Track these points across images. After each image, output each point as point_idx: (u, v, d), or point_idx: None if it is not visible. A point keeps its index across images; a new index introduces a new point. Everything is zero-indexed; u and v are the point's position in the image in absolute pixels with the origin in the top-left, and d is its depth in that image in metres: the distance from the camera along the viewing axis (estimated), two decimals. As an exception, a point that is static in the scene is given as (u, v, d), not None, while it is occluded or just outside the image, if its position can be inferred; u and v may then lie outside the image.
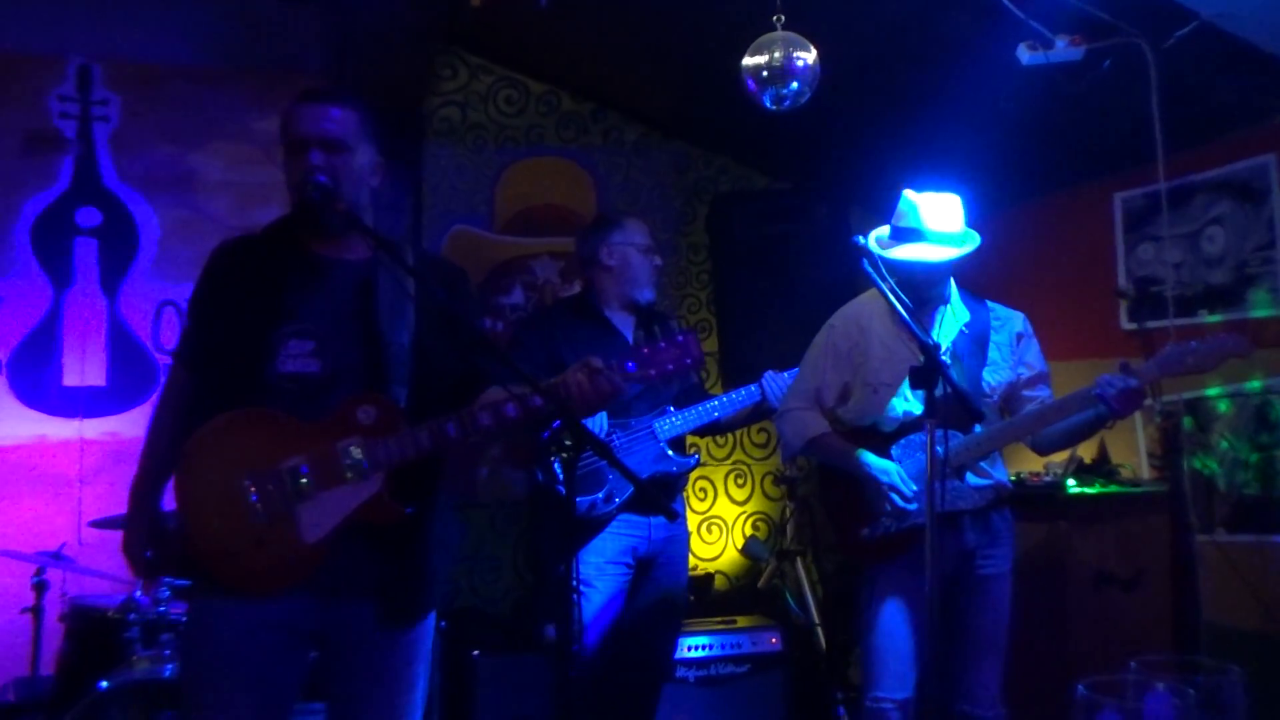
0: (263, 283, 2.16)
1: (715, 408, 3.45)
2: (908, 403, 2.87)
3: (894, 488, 2.79)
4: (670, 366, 2.10)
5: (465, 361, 2.25)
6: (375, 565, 2.12)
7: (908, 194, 2.88)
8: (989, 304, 3.00)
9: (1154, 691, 1.23)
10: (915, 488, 2.78)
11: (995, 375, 2.89)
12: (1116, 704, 1.22)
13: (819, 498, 3.11)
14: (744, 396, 3.48)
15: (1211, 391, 3.54)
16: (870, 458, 2.84)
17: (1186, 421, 3.57)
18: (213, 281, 2.26)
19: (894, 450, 2.87)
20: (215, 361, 2.17)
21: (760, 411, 3.51)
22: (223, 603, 2.09)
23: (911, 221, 2.83)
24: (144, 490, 2.30)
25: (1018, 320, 2.97)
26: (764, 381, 3.46)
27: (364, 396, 2.09)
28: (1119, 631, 3.36)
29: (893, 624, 2.83)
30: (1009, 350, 2.92)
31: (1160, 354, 2.62)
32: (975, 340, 2.88)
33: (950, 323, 2.91)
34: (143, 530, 2.28)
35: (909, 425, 2.85)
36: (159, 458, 2.30)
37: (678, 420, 3.42)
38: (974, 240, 2.87)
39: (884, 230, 2.91)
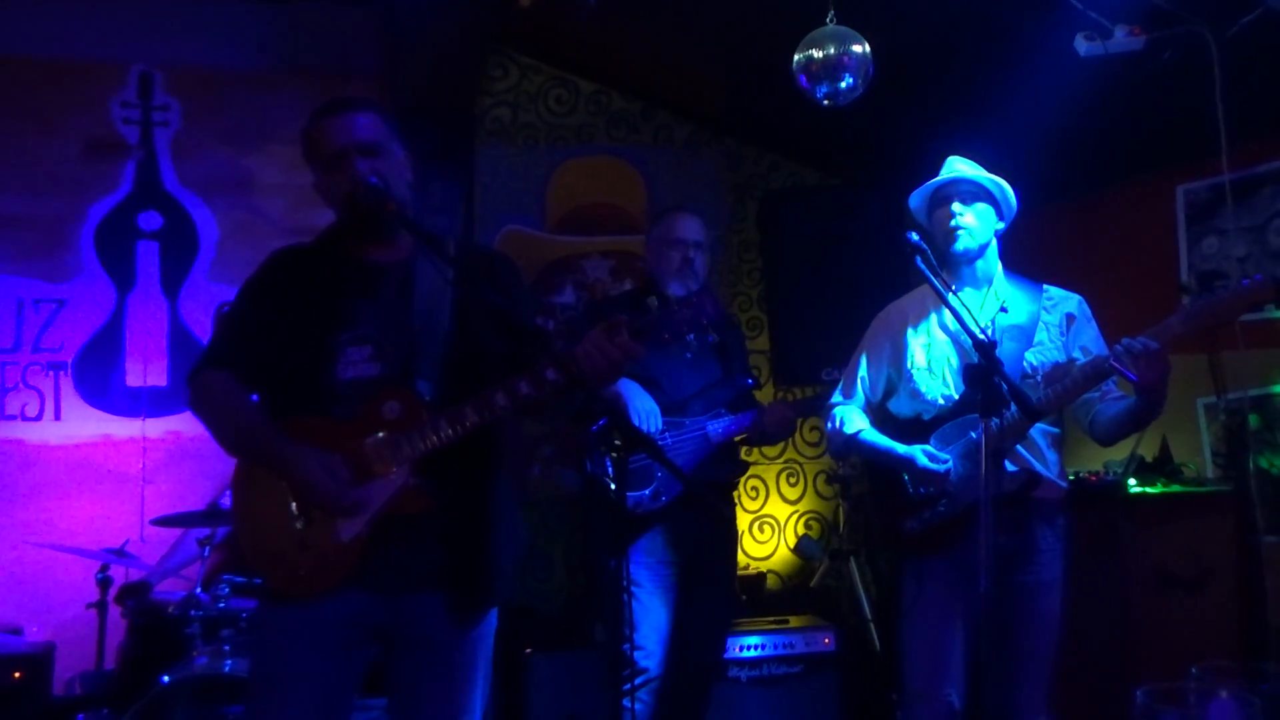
0: (319, 291, 2.20)
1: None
2: (946, 387, 2.83)
3: (925, 470, 2.72)
4: (685, 327, 2.04)
5: (514, 351, 2.20)
6: (440, 558, 2.13)
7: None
8: (1044, 286, 2.90)
9: (1217, 699, 1.19)
10: (946, 458, 2.72)
11: (1039, 356, 2.79)
12: (1178, 712, 1.19)
13: (870, 492, 3.07)
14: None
15: (1279, 389, 3.45)
16: (898, 448, 2.80)
17: (1253, 419, 3.48)
18: (269, 289, 2.26)
19: (933, 440, 2.81)
20: (272, 371, 2.18)
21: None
22: (281, 607, 2.14)
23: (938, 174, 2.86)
24: (273, 434, 2.12)
25: (1071, 302, 2.87)
26: None
27: (387, 391, 2.12)
28: (1182, 636, 3.29)
29: (929, 619, 2.79)
30: (1058, 331, 2.83)
31: (1180, 310, 2.50)
32: (1019, 321, 2.82)
33: (991, 304, 2.85)
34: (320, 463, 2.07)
35: (947, 413, 2.81)
36: (254, 412, 2.17)
37: (730, 423, 3.41)
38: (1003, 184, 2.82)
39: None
